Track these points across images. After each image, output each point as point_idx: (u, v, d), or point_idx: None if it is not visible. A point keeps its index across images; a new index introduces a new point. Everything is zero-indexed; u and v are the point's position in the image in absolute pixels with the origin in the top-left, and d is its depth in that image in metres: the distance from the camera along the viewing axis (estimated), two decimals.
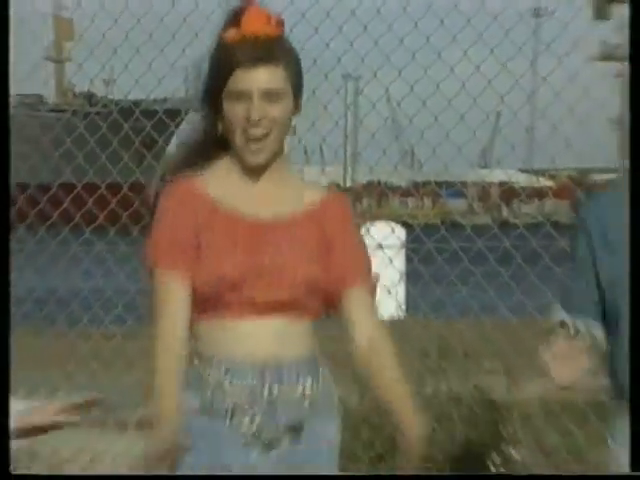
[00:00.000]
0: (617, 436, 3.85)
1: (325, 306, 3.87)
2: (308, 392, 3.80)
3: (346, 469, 4.22)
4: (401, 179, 14.62)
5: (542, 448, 6.12)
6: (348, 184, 10.97)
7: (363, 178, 13.19)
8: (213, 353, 3.77)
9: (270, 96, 3.76)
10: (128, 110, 9.87)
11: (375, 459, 6.45)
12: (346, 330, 3.81)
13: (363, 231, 12.71)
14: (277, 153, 3.84)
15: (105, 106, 16.00)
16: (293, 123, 3.89)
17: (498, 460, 6.10)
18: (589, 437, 5.59)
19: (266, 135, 3.75)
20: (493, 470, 6.18)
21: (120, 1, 8.54)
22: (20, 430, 3.55)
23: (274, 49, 3.76)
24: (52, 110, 37.92)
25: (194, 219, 3.76)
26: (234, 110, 3.74)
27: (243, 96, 3.73)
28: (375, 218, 11.93)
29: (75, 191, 9.01)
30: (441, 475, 3.32)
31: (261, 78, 3.74)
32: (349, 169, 10.44)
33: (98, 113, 14.18)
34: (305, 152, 9.20)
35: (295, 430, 3.78)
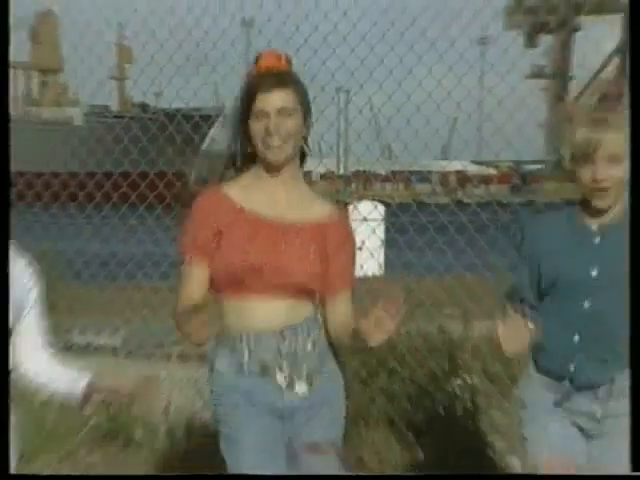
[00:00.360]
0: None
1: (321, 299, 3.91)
2: (317, 343, 3.85)
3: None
4: (381, 168, 14.57)
5: (488, 375, 6.05)
6: (341, 172, 10.98)
7: (352, 167, 13.28)
8: (240, 326, 3.79)
9: (283, 113, 3.75)
10: (172, 115, 9.90)
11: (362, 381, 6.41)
12: (325, 317, 3.90)
13: (351, 208, 12.91)
14: (292, 158, 3.83)
15: (154, 113, 16.04)
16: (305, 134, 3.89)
17: (456, 384, 6.04)
18: (523, 366, 5.54)
19: (283, 143, 3.74)
20: (452, 392, 6.12)
21: (165, 32, 8.56)
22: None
23: (284, 78, 3.78)
24: (115, 117, 37.80)
25: (217, 221, 3.80)
26: (258, 125, 3.74)
27: (263, 114, 3.73)
28: (361, 198, 12.01)
29: (131, 178, 8.99)
30: (441, 475, 3.03)
31: (276, 99, 3.74)
32: (341, 160, 10.46)
33: (150, 118, 14.30)
34: (310, 151, 9.28)
35: (312, 375, 3.82)
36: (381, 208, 11.37)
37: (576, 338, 3.67)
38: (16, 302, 3.49)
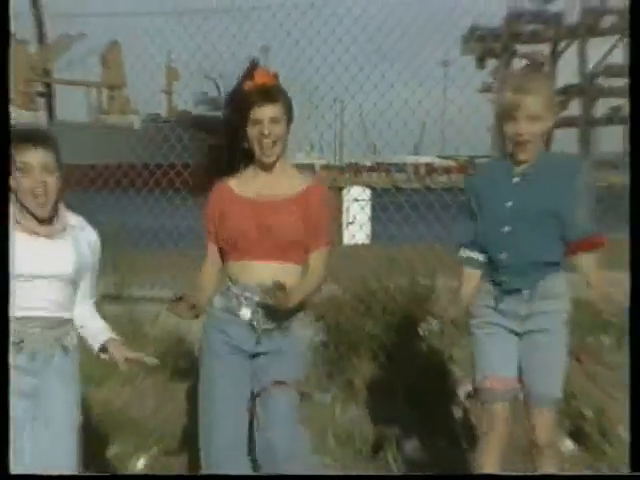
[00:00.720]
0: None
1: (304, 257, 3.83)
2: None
3: None
4: (368, 161, 14.64)
5: (453, 322, 6.00)
6: (337, 164, 11.11)
7: (346, 160, 13.41)
8: (236, 280, 3.79)
9: (274, 121, 3.75)
10: (212, 121, 9.98)
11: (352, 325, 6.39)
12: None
13: (345, 191, 13.09)
14: (280, 155, 3.82)
15: (195, 120, 15.98)
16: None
17: (424, 326, 6.01)
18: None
19: (273, 144, 3.75)
20: (421, 332, 6.08)
21: (201, 56, 8.79)
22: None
23: (274, 93, 3.78)
24: (164, 121, 37.54)
25: (218, 207, 3.85)
26: (254, 131, 3.75)
27: (258, 122, 3.74)
28: (353, 183, 12.09)
29: (176, 168, 8.94)
30: (441, 475, 2.93)
31: (268, 110, 3.74)
32: (337, 155, 10.55)
33: (187, 124, 14.36)
34: (311, 145, 9.25)
35: (283, 326, 3.77)
36: (368, 192, 11.47)
37: (503, 255, 3.67)
38: (81, 261, 3.47)
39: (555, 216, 3.62)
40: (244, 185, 3.84)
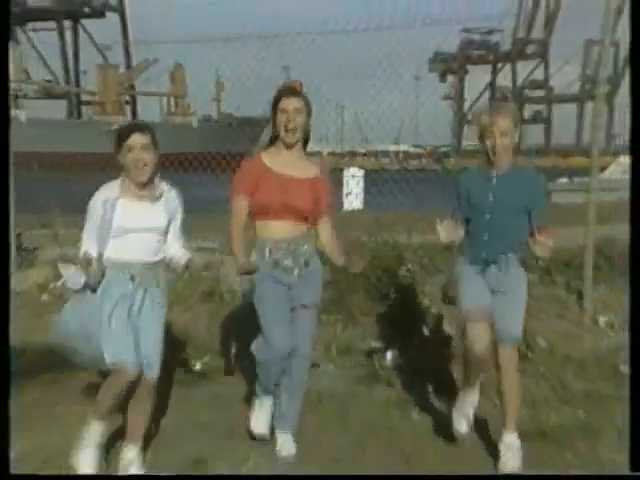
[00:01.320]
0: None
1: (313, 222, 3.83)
2: (309, 248, 3.81)
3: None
4: (361, 149, 14.74)
5: (424, 266, 5.89)
6: (339, 151, 11.24)
7: (346, 149, 13.57)
8: (264, 237, 3.75)
9: (297, 111, 3.67)
10: (246, 120, 9.90)
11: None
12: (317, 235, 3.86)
13: (345, 170, 13.18)
14: (300, 139, 3.74)
15: (236, 119, 15.93)
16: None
17: (402, 271, 5.89)
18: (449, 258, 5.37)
19: (295, 130, 3.68)
20: (401, 273, 5.96)
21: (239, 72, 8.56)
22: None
23: (298, 92, 3.77)
24: (215, 122, 37.33)
25: (255, 174, 3.73)
26: (281, 118, 3.68)
27: (285, 111, 3.66)
28: (351, 165, 12.16)
29: (223, 156, 8.91)
30: (442, 475, 3.04)
31: (292, 102, 3.68)
32: (339, 144, 10.64)
33: (231, 123, 14.32)
34: (320, 137, 9.28)
35: (306, 264, 3.78)
36: (362, 171, 11.49)
37: (485, 236, 3.65)
38: (169, 214, 3.53)
39: (522, 208, 3.64)
40: (272, 161, 3.74)
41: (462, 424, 3.81)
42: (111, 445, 3.65)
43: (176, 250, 3.58)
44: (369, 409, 4.42)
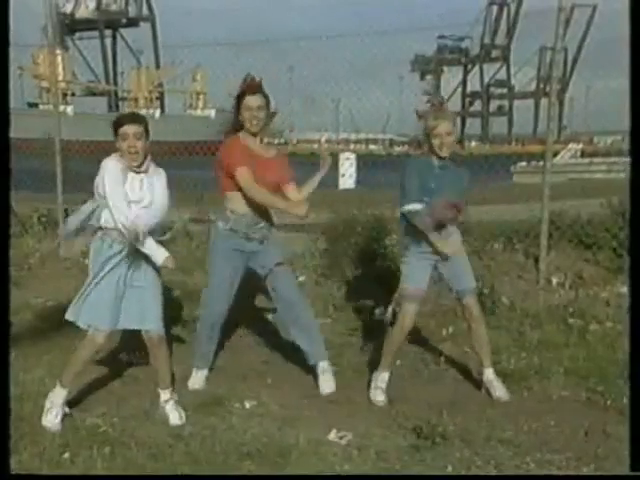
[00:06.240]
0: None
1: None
2: (267, 223, 3.68)
3: None
4: (354, 137, 14.58)
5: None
6: (335, 138, 11.10)
7: (341, 136, 13.41)
8: (230, 207, 3.63)
9: (259, 108, 3.57)
10: None
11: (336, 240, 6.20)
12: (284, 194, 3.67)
13: (340, 155, 12.92)
14: (263, 129, 3.64)
15: None
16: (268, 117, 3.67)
17: (386, 241, 5.81)
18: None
19: (259, 122, 3.58)
20: (384, 245, 5.87)
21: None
22: None
23: (259, 89, 3.60)
24: (229, 113, 36.80)
25: (243, 151, 3.58)
26: (247, 113, 3.57)
27: (249, 108, 3.56)
28: (345, 151, 12.02)
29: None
30: (441, 475, 2.86)
31: (257, 100, 3.57)
32: (335, 133, 10.49)
33: None
34: (319, 127, 9.10)
35: (262, 238, 3.65)
36: (354, 155, 11.37)
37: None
38: (152, 188, 3.24)
39: (457, 192, 3.61)
40: (247, 143, 3.62)
41: (378, 395, 3.72)
42: (152, 391, 3.57)
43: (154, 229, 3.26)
44: (359, 356, 4.39)
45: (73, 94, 50.95)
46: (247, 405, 3.56)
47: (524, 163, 18.87)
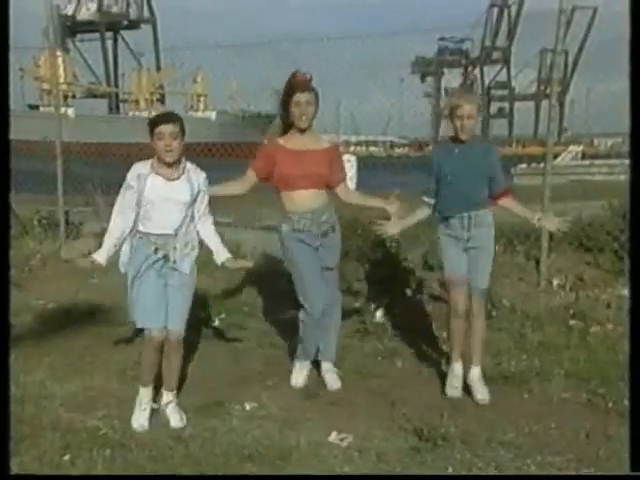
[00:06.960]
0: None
1: (329, 187, 3.72)
2: (330, 217, 3.72)
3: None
4: (355, 138, 14.71)
5: (407, 237, 5.80)
6: (336, 140, 11.25)
7: (342, 138, 13.65)
8: (290, 209, 3.65)
9: (308, 103, 3.57)
10: (257, 114, 9.80)
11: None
12: (338, 195, 3.77)
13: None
14: (311, 125, 3.64)
15: (250, 114, 15.73)
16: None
17: (390, 241, 5.79)
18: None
19: (307, 118, 3.59)
20: (387, 244, 5.86)
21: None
22: None
23: (309, 86, 3.60)
24: (231, 115, 36.88)
25: (273, 155, 3.65)
26: (296, 110, 3.57)
27: (299, 104, 3.55)
28: (346, 152, 12.11)
29: (238, 145, 8.82)
30: (442, 475, 2.87)
31: (305, 96, 3.56)
32: (336, 134, 10.64)
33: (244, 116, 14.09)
34: (319, 129, 9.17)
35: (326, 234, 3.69)
36: (355, 157, 11.53)
37: (453, 200, 3.59)
38: (191, 189, 3.29)
39: (481, 175, 3.58)
40: (286, 142, 3.65)
41: (453, 391, 3.74)
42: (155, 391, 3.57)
43: (210, 234, 3.38)
44: (361, 358, 4.37)
45: (74, 96, 50.96)
46: (247, 407, 3.55)
47: (525, 165, 18.88)
